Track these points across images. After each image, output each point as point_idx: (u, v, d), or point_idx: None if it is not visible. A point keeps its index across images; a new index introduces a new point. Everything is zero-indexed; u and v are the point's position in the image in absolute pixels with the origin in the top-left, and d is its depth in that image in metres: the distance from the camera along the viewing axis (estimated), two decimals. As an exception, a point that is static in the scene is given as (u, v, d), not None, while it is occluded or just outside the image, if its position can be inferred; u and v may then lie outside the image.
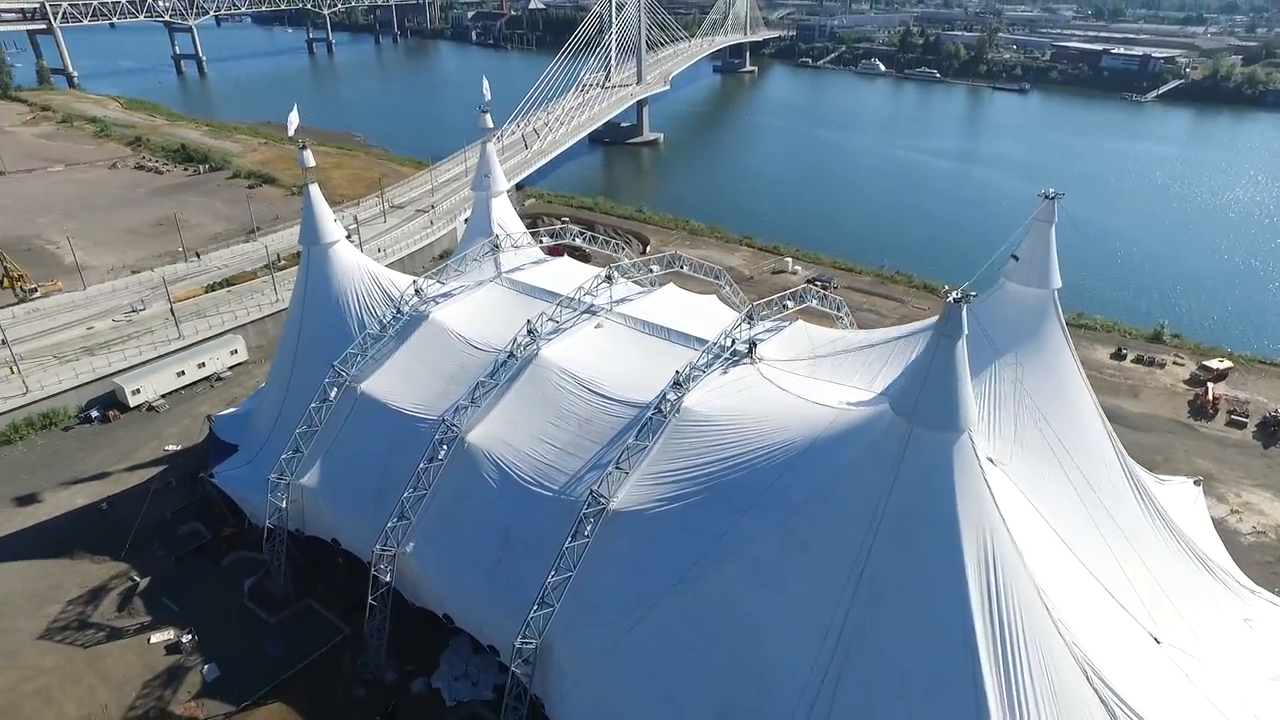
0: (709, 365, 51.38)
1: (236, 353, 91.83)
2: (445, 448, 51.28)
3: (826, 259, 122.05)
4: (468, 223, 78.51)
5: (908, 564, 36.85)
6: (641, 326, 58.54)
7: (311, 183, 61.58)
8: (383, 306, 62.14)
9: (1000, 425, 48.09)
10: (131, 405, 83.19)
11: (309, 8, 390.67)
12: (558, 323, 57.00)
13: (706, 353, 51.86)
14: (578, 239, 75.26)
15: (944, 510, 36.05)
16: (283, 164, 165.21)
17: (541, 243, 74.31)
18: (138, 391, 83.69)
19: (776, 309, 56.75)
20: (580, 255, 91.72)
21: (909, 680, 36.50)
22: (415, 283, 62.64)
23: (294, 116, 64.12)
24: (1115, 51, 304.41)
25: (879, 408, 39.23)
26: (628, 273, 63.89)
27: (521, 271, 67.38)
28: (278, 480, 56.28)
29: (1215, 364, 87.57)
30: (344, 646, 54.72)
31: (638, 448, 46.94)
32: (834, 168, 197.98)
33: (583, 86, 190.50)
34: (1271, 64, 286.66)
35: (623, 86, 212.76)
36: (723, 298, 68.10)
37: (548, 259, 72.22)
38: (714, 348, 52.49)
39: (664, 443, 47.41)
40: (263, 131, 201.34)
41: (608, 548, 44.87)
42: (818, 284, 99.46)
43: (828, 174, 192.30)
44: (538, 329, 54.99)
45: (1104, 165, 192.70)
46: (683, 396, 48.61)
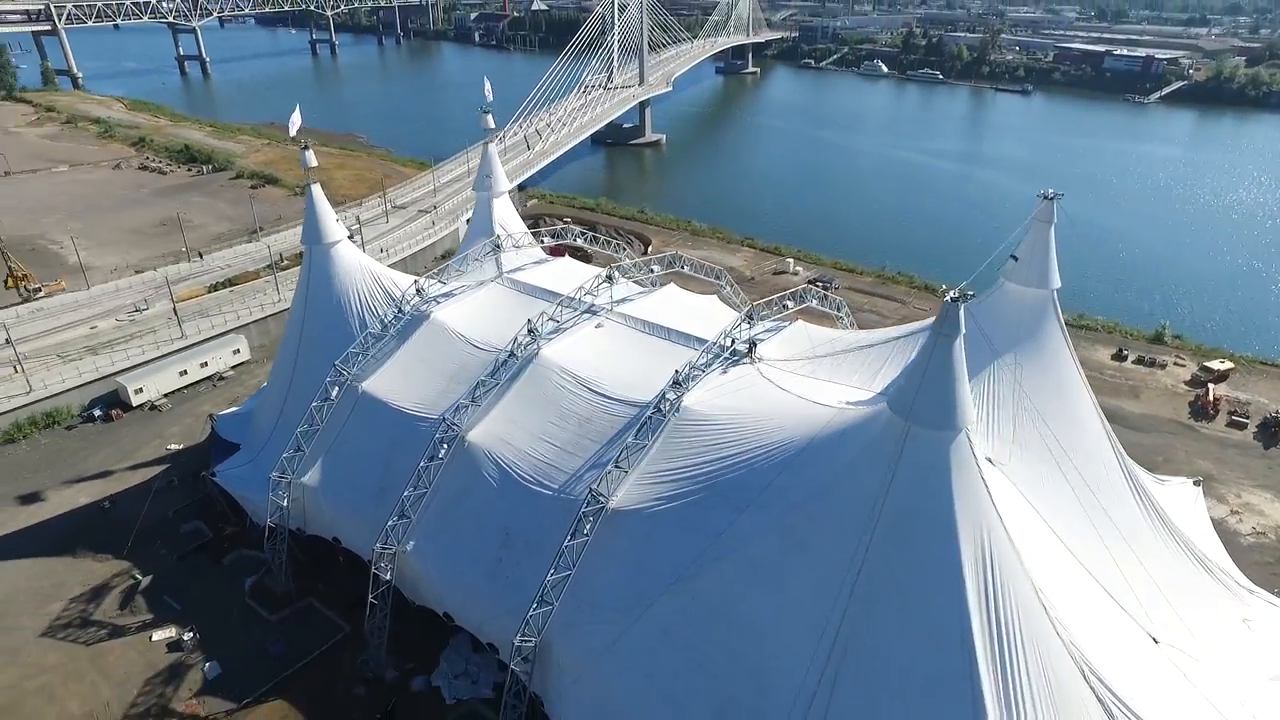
0: (708, 365, 51.47)
1: (239, 352, 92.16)
2: (446, 446, 51.43)
3: (828, 260, 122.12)
4: (469, 223, 78.75)
5: (905, 563, 36.89)
6: (642, 326, 58.64)
7: (314, 183, 61.88)
8: (384, 306, 62.36)
9: (999, 425, 48.15)
10: (134, 404, 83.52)
11: (312, 9, 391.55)
12: (558, 322, 57.16)
13: (706, 352, 51.96)
14: (579, 239, 75.46)
15: (941, 509, 36.08)
16: (286, 164, 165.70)
17: (543, 243, 74.51)
18: (140, 391, 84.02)
19: (776, 309, 56.84)
20: (582, 256, 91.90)
21: (906, 679, 36.52)
22: (416, 282, 62.83)
23: (296, 117, 64.37)
24: (1118, 53, 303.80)
25: (877, 407, 39.30)
26: (628, 273, 64.05)
27: (523, 271, 67.54)
28: (279, 479, 56.49)
29: (1216, 365, 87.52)
30: (345, 644, 54.93)
31: (637, 447, 47.08)
32: (836, 169, 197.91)
33: (585, 87, 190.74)
34: (1275, 65, 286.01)
35: (625, 88, 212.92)
36: (723, 298, 68.14)
37: (549, 259, 72.34)
38: (714, 347, 52.59)
39: (663, 442, 47.53)
40: (266, 132, 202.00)
41: (607, 546, 44.98)
42: (819, 284, 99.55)
43: (830, 175, 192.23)
44: (538, 328, 55.16)
45: (1106, 166, 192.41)
46: (682, 396, 48.72)
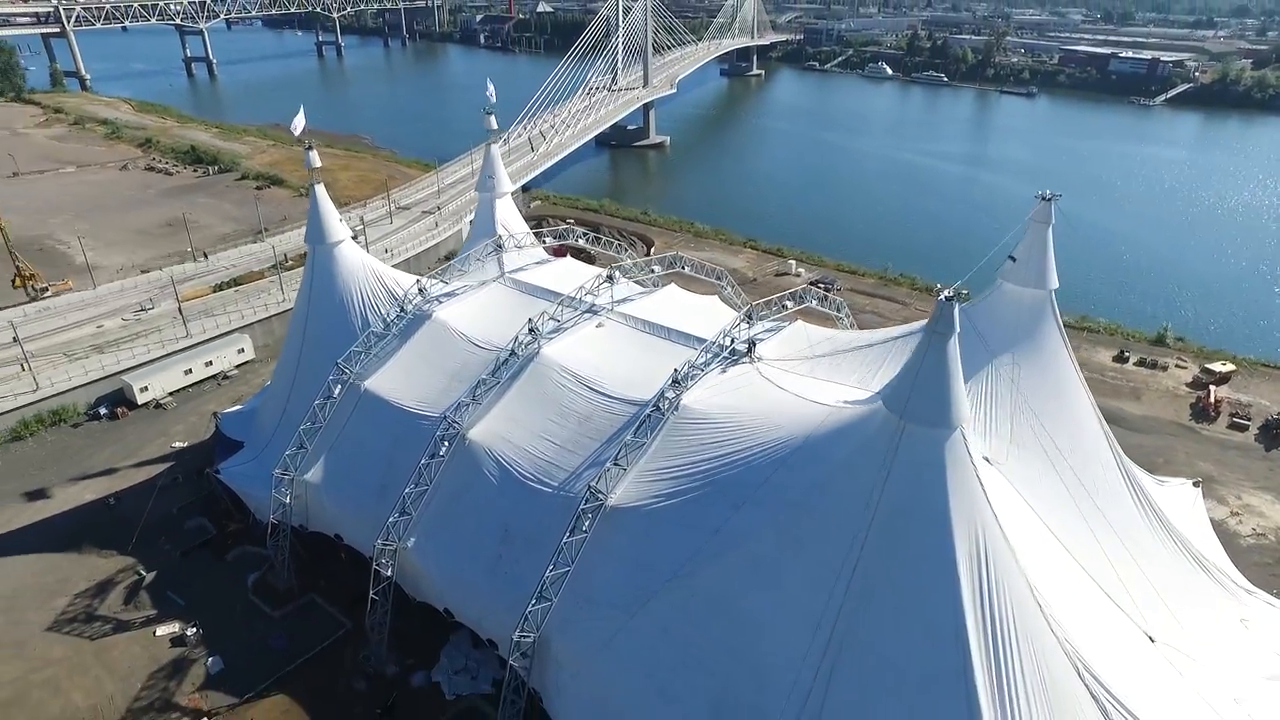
0: (708, 364, 51.71)
1: (243, 351, 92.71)
2: (447, 444, 51.77)
3: (830, 261, 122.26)
4: (472, 224, 79.21)
5: (900, 560, 37.11)
6: (642, 326, 58.92)
7: (317, 183, 62.35)
8: (387, 305, 62.76)
9: (997, 425, 48.40)
10: (139, 403, 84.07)
11: (318, 11, 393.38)
12: (559, 322, 57.51)
13: (705, 352, 52.19)
14: (581, 240, 75.83)
15: (936, 506, 36.30)
16: (291, 165, 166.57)
17: (545, 244, 74.91)
18: (146, 389, 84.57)
19: (776, 309, 57.12)
20: (584, 256, 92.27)
21: (901, 675, 36.70)
22: (419, 282, 63.31)
23: (299, 118, 64.83)
24: (1123, 55, 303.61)
25: (873, 405, 39.55)
26: (629, 273, 64.37)
27: (524, 271, 67.90)
28: (282, 476, 56.92)
29: (1218, 367, 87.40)
30: (346, 640, 55.32)
31: (636, 445, 47.38)
32: (840, 171, 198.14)
33: (589, 89, 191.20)
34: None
35: (629, 89, 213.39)
36: (724, 298, 68.40)
37: (551, 259, 72.62)
38: (713, 347, 52.83)
39: (662, 440, 47.80)
40: (271, 134, 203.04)
41: (606, 543, 45.28)
42: (821, 286, 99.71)
43: (834, 177, 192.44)
44: (539, 328, 55.51)
45: (1111, 169, 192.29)
46: (681, 394, 49.00)
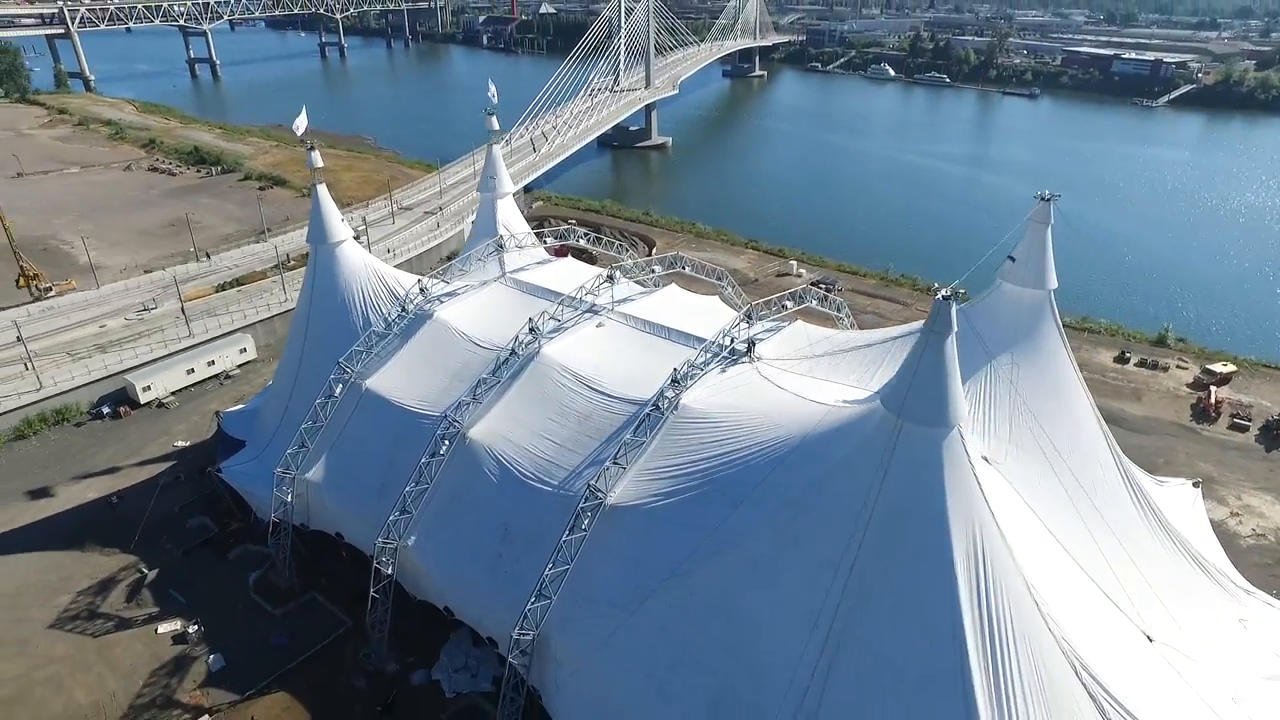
0: (707, 364, 51.87)
1: (245, 351, 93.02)
2: (447, 443, 51.96)
3: (832, 262, 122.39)
4: (474, 224, 79.42)
5: (897, 558, 37.22)
6: (642, 326, 59.12)
7: (319, 183, 62.66)
8: (388, 304, 63.04)
9: (995, 425, 48.47)
10: (142, 402, 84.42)
11: (322, 12, 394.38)
12: (559, 321, 57.71)
13: (705, 351, 52.38)
14: (582, 240, 76.00)
15: (933, 505, 36.40)
16: (293, 166, 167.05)
17: (546, 244, 75.12)
18: (148, 388, 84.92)
19: (776, 309, 57.24)
20: (586, 257, 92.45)
21: (898, 674, 36.80)
22: (420, 281, 63.54)
23: (302, 118, 65.13)
24: (1126, 56, 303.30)
25: (871, 404, 39.67)
26: (630, 273, 64.55)
27: (525, 271, 68.10)
28: (283, 475, 57.14)
29: (1219, 368, 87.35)
30: (346, 638, 55.55)
31: (635, 444, 47.54)
32: (843, 172, 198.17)
33: (591, 90, 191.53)
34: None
35: (631, 90, 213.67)
36: (725, 299, 68.57)
37: (552, 259, 72.82)
38: (712, 346, 53.01)
39: (661, 439, 47.96)
40: (274, 134, 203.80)
41: (605, 541, 45.44)
42: (822, 286, 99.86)
43: (836, 178, 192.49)
44: (539, 327, 55.70)
45: (1113, 170, 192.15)
46: (681, 394, 49.18)
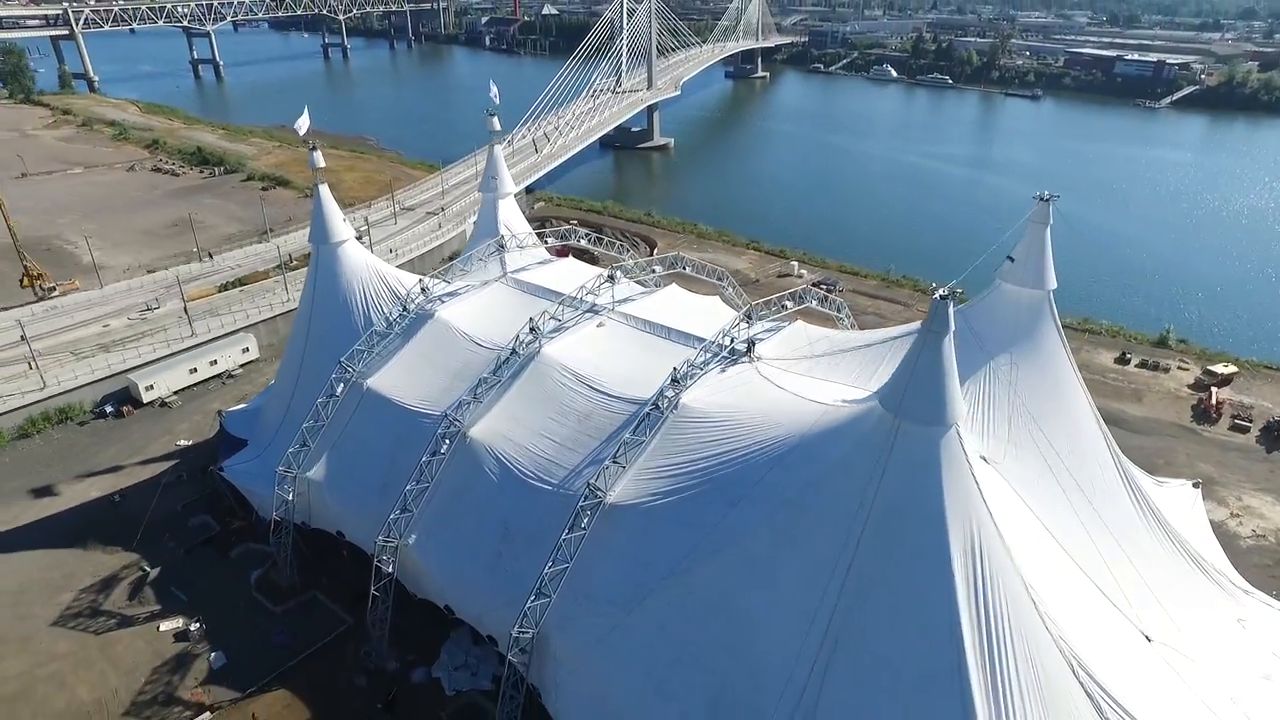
0: (707, 363, 52.03)
1: (248, 351, 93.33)
2: (448, 442, 52.17)
3: (833, 263, 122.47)
4: (476, 224, 79.64)
5: (895, 558, 37.33)
6: (643, 325, 59.28)
7: (321, 183, 62.90)
8: (390, 304, 63.26)
9: (994, 425, 48.58)
10: (145, 401, 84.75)
11: (324, 13, 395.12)
12: (560, 321, 57.90)
13: (705, 351, 52.58)
14: (584, 240, 76.17)
15: (931, 504, 36.53)
16: (296, 167, 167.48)
17: (548, 244, 75.31)
18: (151, 388, 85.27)
19: (776, 309, 57.39)
20: (587, 257, 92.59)
21: (895, 673, 36.92)
22: (421, 281, 63.76)
23: (304, 119, 65.45)
24: (1129, 58, 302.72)
25: (869, 404, 39.80)
26: (630, 273, 64.73)
27: (526, 271, 68.32)
28: (285, 474, 57.36)
29: (1220, 369, 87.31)
30: (347, 636, 55.77)
31: (635, 443, 47.70)
32: (845, 173, 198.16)
33: (594, 91, 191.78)
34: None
35: (633, 91, 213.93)
36: (725, 299, 68.72)
37: (553, 259, 73.01)
38: (712, 346, 53.21)
39: (661, 438, 48.13)
40: (277, 135, 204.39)
41: (604, 540, 45.61)
42: (823, 287, 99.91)
43: (838, 179, 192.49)
44: (540, 327, 55.89)
45: (1116, 171, 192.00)
46: (680, 393, 49.36)
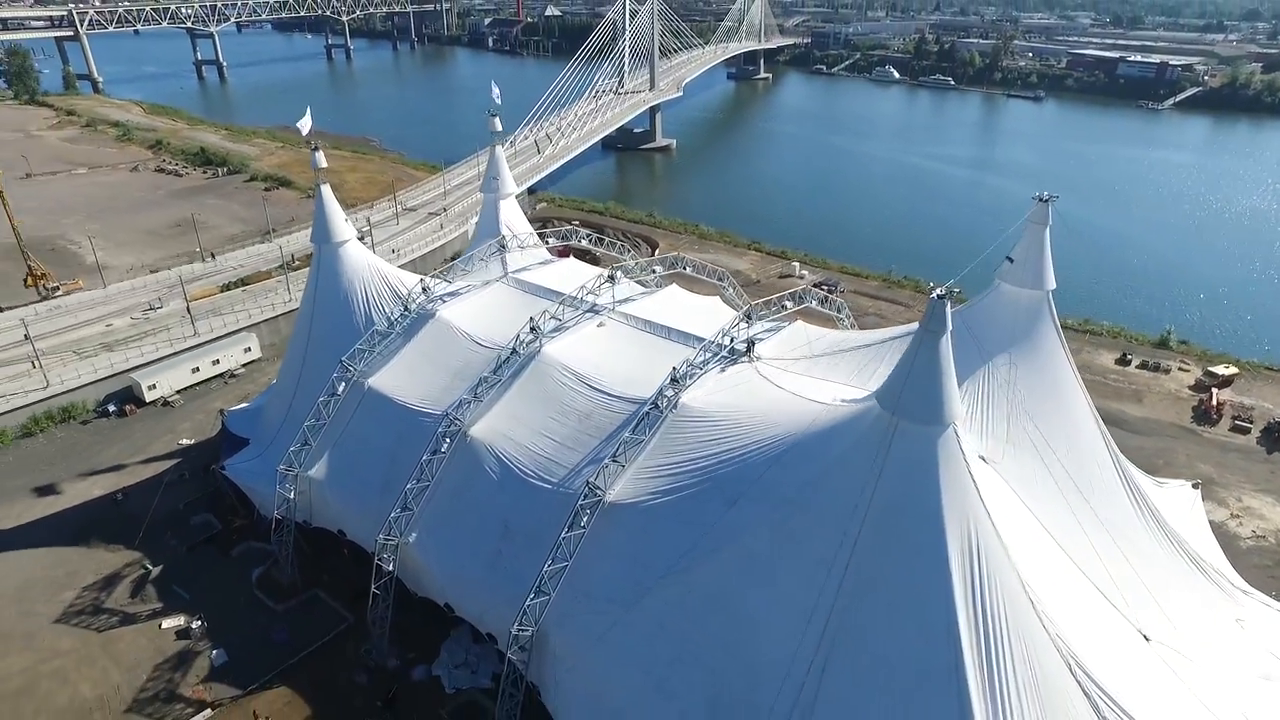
0: (707, 363, 52.19)
1: (250, 350, 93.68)
2: (448, 441, 52.40)
3: (835, 264, 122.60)
4: (477, 224, 79.85)
5: (893, 556, 37.47)
6: (643, 325, 59.47)
7: (323, 183, 63.17)
8: (391, 304, 63.51)
9: (992, 425, 48.63)
10: (147, 400, 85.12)
11: (328, 14, 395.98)
12: (560, 321, 58.09)
13: (704, 350, 52.74)
14: (585, 241, 76.36)
15: (928, 503, 36.68)
16: (299, 167, 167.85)
17: (549, 244, 75.53)
18: (154, 387, 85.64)
19: (776, 309, 57.51)
20: (589, 257, 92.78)
21: (893, 671, 37.03)
22: (422, 281, 64.00)
23: (306, 119, 65.75)
24: (1132, 59, 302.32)
25: (867, 403, 39.94)
26: (631, 273, 64.91)
27: (528, 271, 68.55)
28: (286, 472, 57.63)
29: (1221, 370, 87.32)
30: (348, 634, 56.03)
31: (634, 442, 47.87)
32: (847, 174, 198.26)
33: (596, 92, 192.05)
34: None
35: (636, 93, 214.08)
36: (726, 299, 68.86)
37: (554, 260, 73.27)
38: (712, 346, 53.37)
39: (660, 437, 48.30)
40: (280, 135, 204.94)
41: (604, 539, 45.78)
42: (824, 288, 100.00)
43: (840, 180, 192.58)
44: (540, 326, 56.10)
45: (1118, 173, 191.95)
46: (680, 393, 49.53)
